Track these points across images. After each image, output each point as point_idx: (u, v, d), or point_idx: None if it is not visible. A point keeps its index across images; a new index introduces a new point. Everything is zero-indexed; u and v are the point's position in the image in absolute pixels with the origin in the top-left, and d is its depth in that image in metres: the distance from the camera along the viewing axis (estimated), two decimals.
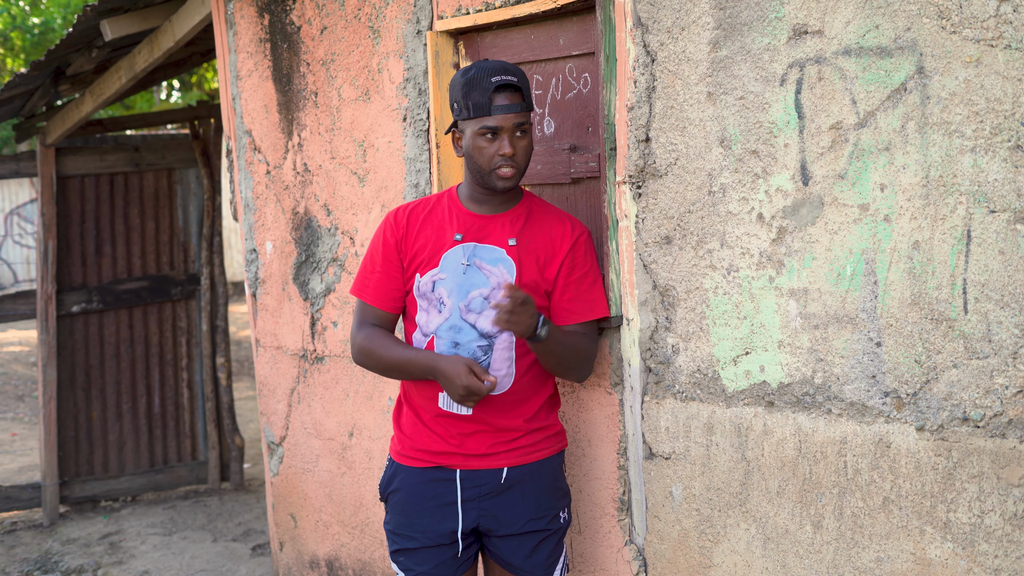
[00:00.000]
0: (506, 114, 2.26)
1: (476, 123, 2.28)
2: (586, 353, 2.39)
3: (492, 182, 2.31)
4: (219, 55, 3.87)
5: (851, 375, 2.14)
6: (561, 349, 2.31)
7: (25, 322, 9.97)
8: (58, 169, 5.65)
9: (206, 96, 10.47)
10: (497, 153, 2.27)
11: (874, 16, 2.03)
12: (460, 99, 2.30)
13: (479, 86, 2.26)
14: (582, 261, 2.39)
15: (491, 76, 2.26)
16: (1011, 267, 1.90)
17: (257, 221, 3.79)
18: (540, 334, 2.23)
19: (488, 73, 2.27)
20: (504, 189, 2.33)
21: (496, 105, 2.25)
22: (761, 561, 2.31)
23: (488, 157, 2.29)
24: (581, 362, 2.38)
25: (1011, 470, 1.93)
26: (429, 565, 2.39)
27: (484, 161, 2.29)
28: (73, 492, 5.77)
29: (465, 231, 2.37)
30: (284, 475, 3.83)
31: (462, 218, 2.39)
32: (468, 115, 2.28)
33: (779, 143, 2.20)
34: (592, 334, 2.42)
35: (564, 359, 2.34)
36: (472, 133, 2.29)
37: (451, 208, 2.41)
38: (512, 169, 2.29)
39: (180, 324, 6.07)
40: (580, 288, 2.38)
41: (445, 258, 2.36)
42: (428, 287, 2.36)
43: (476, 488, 2.37)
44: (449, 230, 2.37)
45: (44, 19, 12.04)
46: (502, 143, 2.27)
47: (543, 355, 2.31)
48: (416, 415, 2.42)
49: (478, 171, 2.32)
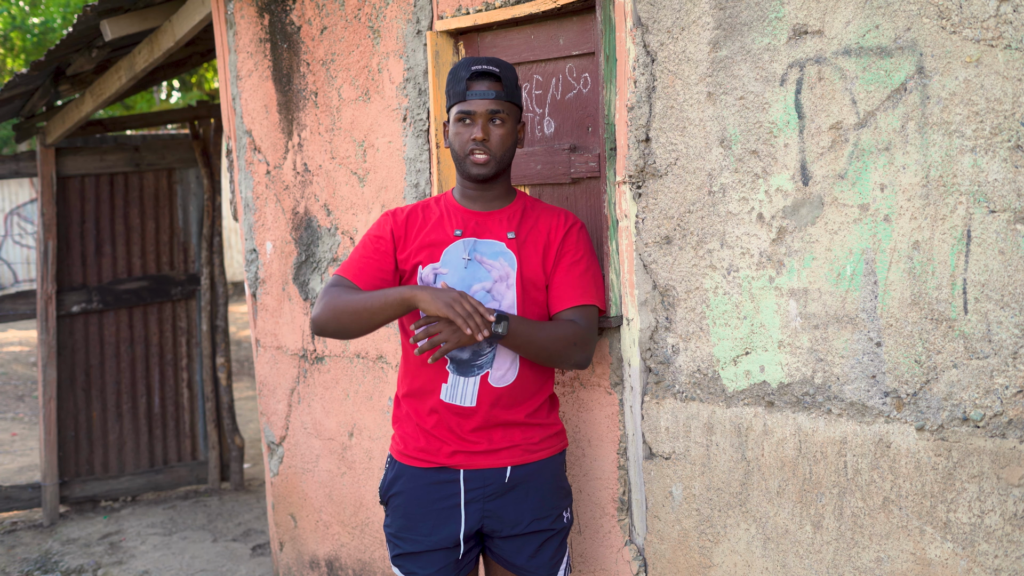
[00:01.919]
0: (480, 99, 2.30)
1: (455, 109, 2.33)
2: (574, 338, 2.33)
3: (467, 168, 2.34)
4: (219, 55, 3.87)
5: (851, 375, 2.14)
6: (533, 340, 2.29)
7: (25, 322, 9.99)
8: (58, 169, 5.65)
9: (206, 96, 10.47)
10: (470, 138, 2.31)
11: (874, 16, 2.03)
12: (447, 89, 2.37)
13: (458, 74, 2.33)
14: (574, 249, 2.39)
15: (471, 65, 2.32)
16: (1011, 267, 1.90)
17: (257, 221, 3.79)
18: (498, 331, 2.23)
19: (469, 63, 2.33)
20: (479, 176, 2.33)
21: (471, 91, 2.30)
22: (761, 561, 2.31)
23: (463, 142, 2.33)
24: (568, 348, 2.33)
25: (1011, 470, 1.93)
26: (433, 569, 2.38)
27: (459, 146, 2.34)
28: (73, 492, 5.77)
29: (464, 227, 2.38)
30: (284, 475, 3.83)
31: (459, 215, 2.40)
32: (449, 104, 2.35)
33: (779, 143, 2.20)
34: (585, 319, 2.37)
35: (543, 349, 2.31)
36: (452, 120, 2.35)
37: (448, 207, 2.42)
38: (485, 156, 2.31)
39: (180, 324, 6.07)
40: (571, 274, 2.38)
41: (447, 253, 2.36)
42: (431, 279, 2.35)
43: (480, 489, 2.37)
44: (448, 227, 2.38)
45: (44, 19, 12.04)
46: (475, 128, 2.30)
47: (518, 350, 2.30)
48: (418, 413, 2.41)
49: (457, 159, 2.36)
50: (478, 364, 2.34)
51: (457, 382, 2.34)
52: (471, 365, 2.34)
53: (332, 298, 2.31)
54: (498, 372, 2.34)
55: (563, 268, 2.38)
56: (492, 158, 2.32)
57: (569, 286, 2.37)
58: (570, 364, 2.37)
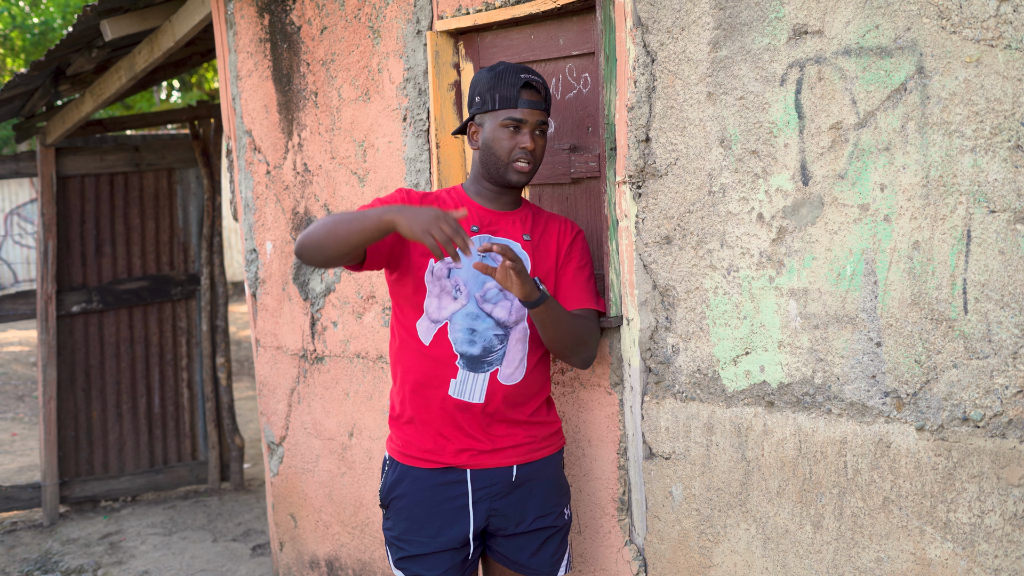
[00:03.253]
0: (532, 109, 2.33)
1: (501, 114, 2.33)
2: (586, 335, 2.40)
3: (507, 175, 2.35)
4: (219, 55, 3.87)
5: (851, 375, 2.14)
6: (562, 320, 2.32)
7: (25, 322, 9.98)
8: (58, 169, 5.65)
9: (206, 96, 10.47)
10: (518, 145, 2.33)
11: (874, 16, 2.03)
12: (485, 91, 2.35)
13: (507, 80, 2.33)
14: (580, 254, 2.46)
15: (520, 73, 2.35)
16: (1011, 267, 1.90)
17: (257, 221, 3.79)
18: (543, 290, 2.26)
19: (517, 71, 2.35)
20: (518, 183, 2.37)
21: (524, 99, 2.33)
22: (761, 561, 2.31)
23: (508, 149, 2.34)
24: (579, 342, 2.38)
25: (1011, 470, 1.93)
26: (439, 570, 2.37)
27: (504, 153, 2.34)
28: (73, 492, 5.77)
29: (480, 224, 2.39)
30: (284, 475, 3.83)
31: (475, 211, 2.41)
32: (492, 107, 2.34)
33: (779, 143, 2.20)
34: (592, 321, 2.43)
35: (566, 332, 2.34)
36: (495, 125, 2.34)
37: (461, 203, 2.43)
38: (529, 164, 2.35)
39: (180, 324, 6.07)
40: (579, 278, 2.44)
41: None
42: (443, 272, 2.35)
43: (487, 488, 2.37)
44: (465, 221, 2.38)
45: (44, 19, 12.04)
46: (524, 136, 2.33)
47: (546, 324, 2.30)
48: (417, 409, 2.39)
49: (495, 163, 2.36)
50: (488, 360, 2.34)
51: (467, 378, 2.34)
52: (482, 361, 2.34)
53: (311, 227, 2.22)
54: (507, 369, 2.35)
55: (571, 271, 2.43)
56: (534, 166, 2.37)
57: (578, 288, 2.43)
58: (578, 359, 2.41)
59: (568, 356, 2.40)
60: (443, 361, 2.35)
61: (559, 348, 2.37)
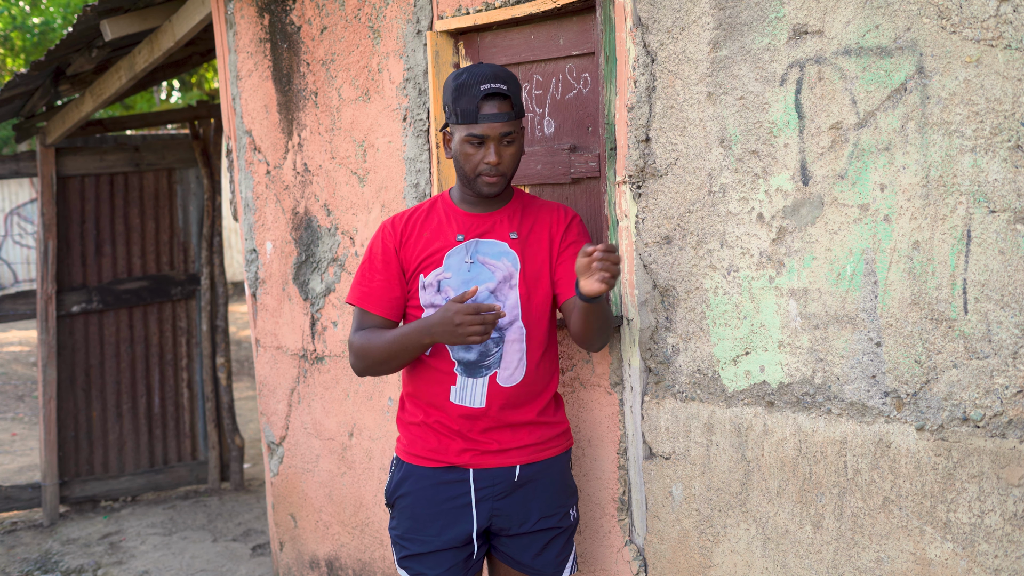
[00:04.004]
0: (492, 123, 2.26)
1: (464, 129, 2.28)
2: (611, 317, 2.41)
3: (478, 188, 2.33)
4: (219, 55, 3.87)
5: (851, 375, 2.14)
6: (607, 311, 2.32)
7: (25, 322, 9.99)
8: (58, 169, 5.65)
9: (206, 96, 10.47)
10: (483, 160, 2.28)
11: (874, 16, 2.03)
12: (450, 103, 2.30)
13: (468, 93, 2.26)
14: (577, 238, 2.41)
15: (480, 84, 2.25)
16: (1011, 267, 1.90)
17: (257, 221, 3.79)
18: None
19: (478, 80, 2.26)
20: (489, 194, 2.34)
21: (483, 114, 2.25)
22: (761, 561, 2.31)
23: (474, 164, 2.30)
24: (608, 325, 2.37)
25: (1011, 470, 1.93)
26: (441, 569, 2.38)
27: (470, 168, 2.31)
28: (73, 492, 5.77)
29: (466, 231, 2.38)
30: (284, 475, 3.83)
31: (460, 219, 2.39)
32: (456, 120, 2.29)
33: (779, 143, 2.20)
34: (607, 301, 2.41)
35: (605, 321, 2.32)
36: (460, 139, 2.30)
37: (447, 211, 2.41)
38: (495, 177, 2.31)
39: (180, 324, 6.07)
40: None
41: (448, 256, 2.36)
42: (434, 287, 2.35)
43: (490, 487, 2.37)
44: (449, 231, 2.38)
45: (44, 19, 12.05)
46: (488, 151, 2.27)
47: (597, 316, 2.27)
48: (425, 413, 2.40)
49: (464, 176, 2.34)
50: (486, 364, 2.34)
51: (466, 384, 2.34)
52: (479, 366, 2.34)
53: (360, 347, 2.38)
54: (506, 372, 2.34)
55: (572, 256, 2.38)
56: (504, 177, 2.32)
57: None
58: (601, 343, 2.40)
59: (594, 343, 2.37)
60: (441, 369, 2.35)
61: (593, 337, 2.34)
